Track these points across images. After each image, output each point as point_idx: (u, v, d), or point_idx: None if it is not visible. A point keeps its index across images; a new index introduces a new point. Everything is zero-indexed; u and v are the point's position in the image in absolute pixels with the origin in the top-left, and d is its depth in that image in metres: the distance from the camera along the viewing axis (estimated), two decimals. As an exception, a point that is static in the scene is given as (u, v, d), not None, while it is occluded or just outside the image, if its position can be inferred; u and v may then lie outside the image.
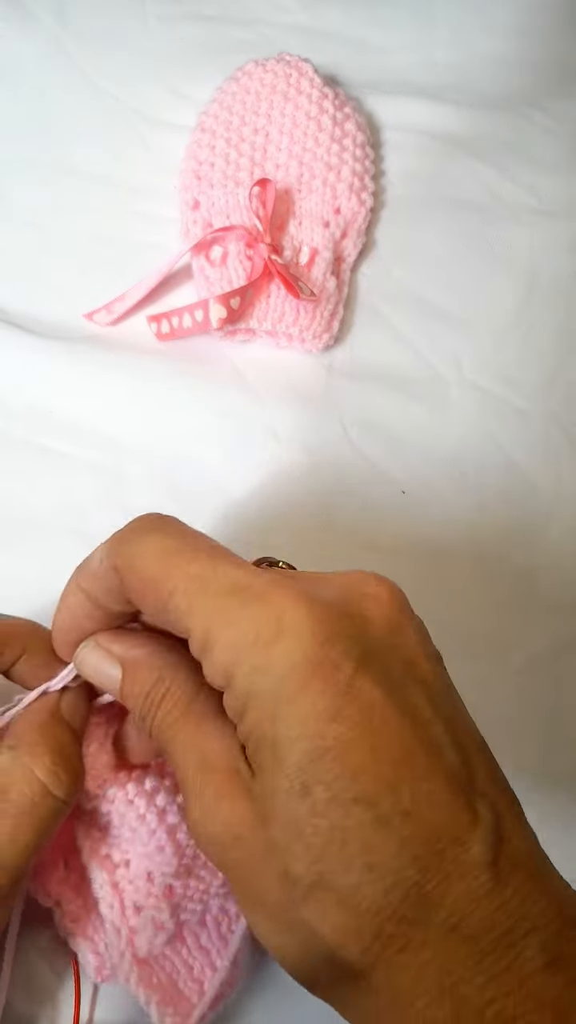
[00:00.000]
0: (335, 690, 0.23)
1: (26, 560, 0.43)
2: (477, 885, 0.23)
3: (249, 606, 0.25)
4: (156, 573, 0.26)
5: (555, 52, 0.58)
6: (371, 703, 0.24)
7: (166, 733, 0.27)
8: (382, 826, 0.23)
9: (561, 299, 0.50)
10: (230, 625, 0.25)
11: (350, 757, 0.23)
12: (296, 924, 0.24)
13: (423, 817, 0.23)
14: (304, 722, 0.23)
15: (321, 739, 0.23)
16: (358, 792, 0.23)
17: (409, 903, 0.22)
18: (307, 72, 0.51)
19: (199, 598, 0.25)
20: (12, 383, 0.46)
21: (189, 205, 0.49)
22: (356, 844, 0.23)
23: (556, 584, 0.45)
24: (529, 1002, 0.22)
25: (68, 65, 0.54)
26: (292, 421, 0.46)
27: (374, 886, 0.23)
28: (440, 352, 0.49)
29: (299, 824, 0.23)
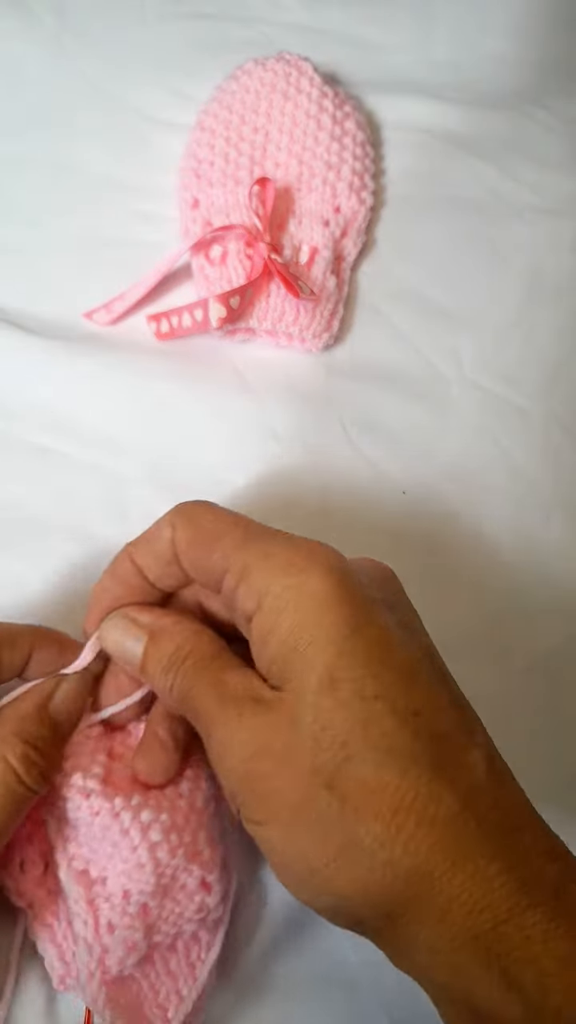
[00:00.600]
0: (358, 609, 0.28)
1: (25, 559, 0.43)
2: (479, 778, 0.26)
3: (284, 544, 0.29)
4: (209, 524, 0.30)
5: (556, 50, 0.58)
6: (386, 624, 0.28)
7: (188, 683, 0.30)
8: (399, 719, 0.26)
9: (563, 298, 0.50)
10: (268, 556, 0.29)
11: (371, 662, 0.27)
12: (317, 817, 0.26)
13: (430, 718, 0.27)
14: (333, 629, 0.27)
15: (347, 643, 0.27)
16: (378, 689, 0.27)
17: (423, 783, 0.26)
18: (307, 71, 0.50)
19: (245, 538, 0.30)
20: (11, 382, 0.46)
21: (189, 204, 0.49)
22: (376, 732, 0.26)
23: (557, 584, 0.45)
24: (532, 877, 0.25)
25: (68, 64, 0.54)
26: (292, 420, 0.46)
27: (392, 768, 0.26)
28: (441, 351, 0.49)
29: (327, 715, 0.26)
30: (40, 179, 0.51)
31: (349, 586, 0.28)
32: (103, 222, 0.50)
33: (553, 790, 0.41)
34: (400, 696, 0.27)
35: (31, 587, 0.43)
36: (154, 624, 0.32)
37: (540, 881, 0.25)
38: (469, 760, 0.27)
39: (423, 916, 0.25)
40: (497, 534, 0.46)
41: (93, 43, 0.55)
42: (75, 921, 0.32)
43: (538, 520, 0.46)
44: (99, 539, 0.44)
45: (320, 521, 0.45)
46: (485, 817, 0.26)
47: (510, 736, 0.43)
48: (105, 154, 0.52)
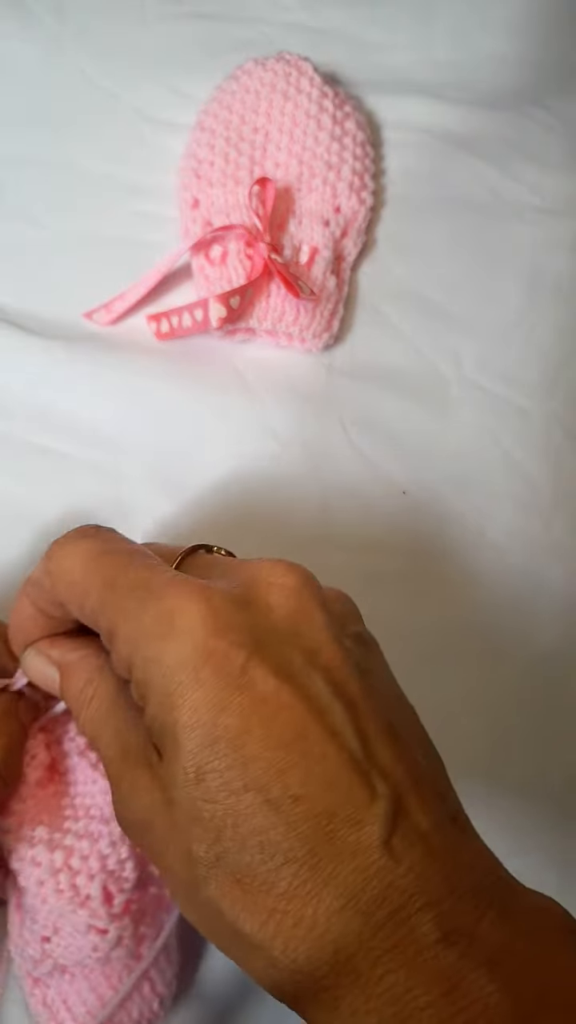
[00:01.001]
0: (226, 680, 0.25)
1: (25, 559, 0.43)
2: (368, 863, 0.23)
3: (146, 603, 0.26)
4: (78, 576, 0.28)
5: (556, 50, 0.58)
6: (263, 692, 0.25)
7: (94, 729, 0.29)
8: (272, 810, 0.24)
9: (563, 298, 0.50)
10: (128, 621, 0.26)
11: (240, 745, 0.24)
12: (204, 901, 0.25)
13: (313, 800, 0.24)
14: (196, 711, 0.25)
15: (212, 728, 0.24)
16: (248, 779, 0.24)
17: (300, 880, 0.24)
18: (307, 71, 0.50)
19: (109, 597, 0.27)
20: (11, 382, 0.46)
21: (189, 204, 0.49)
22: (248, 827, 0.24)
23: (557, 584, 0.45)
24: (421, 975, 0.22)
25: (67, 63, 0.54)
26: (292, 420, 0.46)
27: (266, 865, 0.24)
28: (441, 351, 0.49)
29: (196, 808, 0.25)
30: (40, 179, 0.51)
31: (216, 653, 0.25)
32: (103, 222, 0.50)
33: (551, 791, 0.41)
34: (274, 783, 0.24)
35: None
36: (61, 660, 0.31)
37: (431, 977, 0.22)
38: (360, 839, 0.24)
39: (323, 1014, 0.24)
40: (497, 534, 0.46)
41: (93, 43, 0.55)
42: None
43: (539, 520, 0.46)
44: (99, 539, 0.44)
45: (320, 521, 0.45)
46: (371, 913, 0.23)
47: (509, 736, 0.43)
48: (105, 154, 0.52)
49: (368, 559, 0.44)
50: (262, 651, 0.25)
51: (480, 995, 0.22)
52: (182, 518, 0.44)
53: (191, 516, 0.44)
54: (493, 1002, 0.21)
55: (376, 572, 0.44)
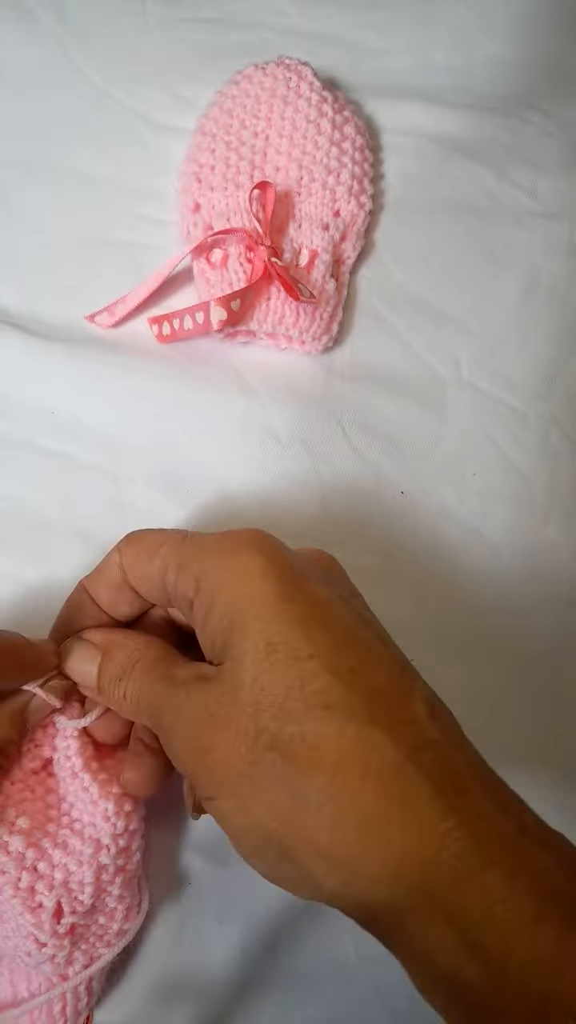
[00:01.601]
0: (290, 582, 0.29)
1: (27, 560, 0.43)
2: (423, 728, 0.27)
3: (220, 535, 0.31)
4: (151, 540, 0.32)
5: (554, 55, 0.58)
6: (319, 594, 0.29)
7: (138, 685, 0.31)
8: (334, 676, 0.27)
9: (560, 301, 0.50)
10: (202, 546, 0.31)
11: (305, 626, 0.28)
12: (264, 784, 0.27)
13: (367, 675, 0.27)
14: (267, 599, 0.28)
15: (281, 610, 0.28)
16: (312, 650, 0.27)
17: (363, 736, 0.26)
18: (306, 75, 0.51)
19: (180, 543, 0.31)
20: (13, 384, 0.47)
21: (189, 208, 0.50)
22: (312, 689, 0.27)
23: (555, 584, 0.46)
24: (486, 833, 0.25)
25: (69, 67, 0.55)
26: (292, 422, 0.47)
27: (330, 723, 0.26)
28: (439, 353, 0.49)
29: (265, 678, 0.27)
30: (41, 183, 0.52)
31: (280, 561, 0.29)
32: (105, 226, 0.51)
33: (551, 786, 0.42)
34: (335, 655, 0.27)
35: (32, 587, 0.43)
36: (106, 640, 0.33)
37: (495, 838, 0.25)
38: (411, 713, 0.27)
39: (377, 874, 0.25)
40: (495, 535, 0.46)
41: (94, 48, 0.55)
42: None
43: (536, 521, 0.46)
44: (100, 539, 0.44)
45: (319, 521, 0.45)
46: (431, 770, 0.26)
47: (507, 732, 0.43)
48: (106, 158, 0.52)
49: (367, 559, 0.45)
50: (315, 572, 0.30)
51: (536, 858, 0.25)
52: (182, 519, 0.45)
53: (191, 517, 0.45)
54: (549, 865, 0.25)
55: (375, 572, 0.44)
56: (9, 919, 0.33)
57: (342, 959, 0.39)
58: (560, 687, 0.44)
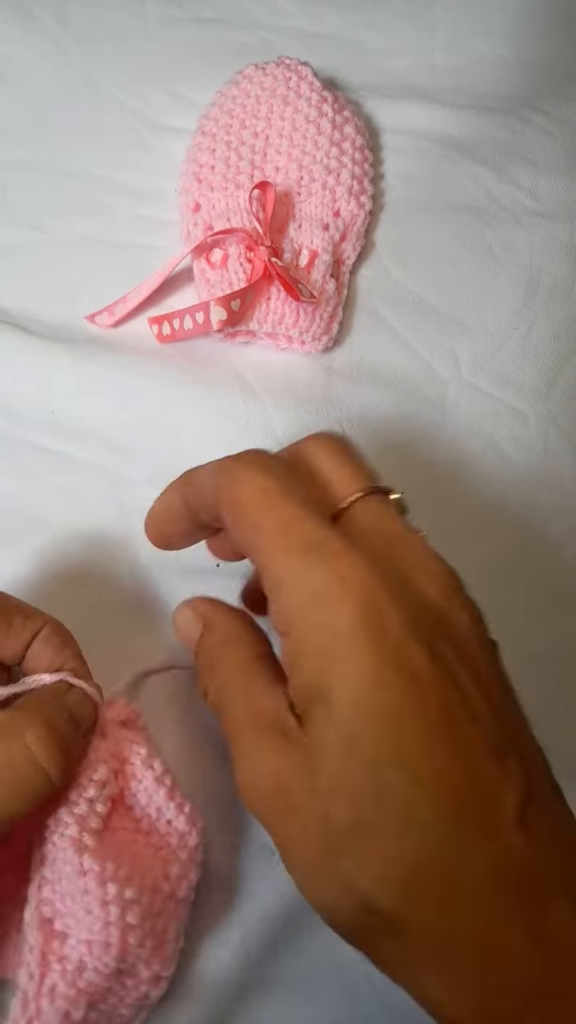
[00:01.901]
0: (386, 653, 0.25)
1: (27, 560, 0.43)
2: (507, 844, 0.24)
3: (318, 564, 0.27)
4: (251, 508, 0.28)
5: (554, 55, 0.58)
6: (417, 671, 0.25)
7: (220, 694, 0.30)
8: (418, 785, 0.25)
9: (560, 301, 0.50)
10: (298, 578, 0.27)
11: (394, 718, 0.25)
12: (333, 873, 0.25)
13: (456, 779, 0.25)
14: (355, 679, 0.25)
15: (370, 697, 0.25)
16: (399, 751, 0.25)
17: (440, 858, 0.24)
18: (306, 75, 0.51)
19: (278, 545, 0.27)
20: (14, 384, 0.47)
21: (189, 208, 0.50)
22: (393, 799, 0.25)
23: (555, 585, 0.46)
24: (558, 951, 0.24)
25: (69, 67, 0.55)
26: (292, 422, 0.47)
27: (407, 840, 0.24)
28: (438, 353, 0.49)
29: (344, 774, 0.25)
30: (42, 183, 0.52)
31: (382, 626, 0.26)
32: (105, 226, 0.51)
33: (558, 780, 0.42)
34: (423, 760, 0.25)
35: (32, 587, 0.43)
36: (207, 617, 0.32)
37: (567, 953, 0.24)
38: (499, 819, 0.25)
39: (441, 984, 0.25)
40: (495, 535, 0.46)
41: (95, 48, 0.55)
42: (22, 969, 0.31)
43: (536, 522, 0.46)
44: (100, 539, 0.44)
45: (320, 522, 0.45)
46: (509, 891, 0.24)
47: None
48: (106, 158, 0.52)
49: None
50: (418, 632, 0.26)
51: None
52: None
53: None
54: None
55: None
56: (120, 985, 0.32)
57: (342, 959, 0.39)
58: (561, 690, 0.44)
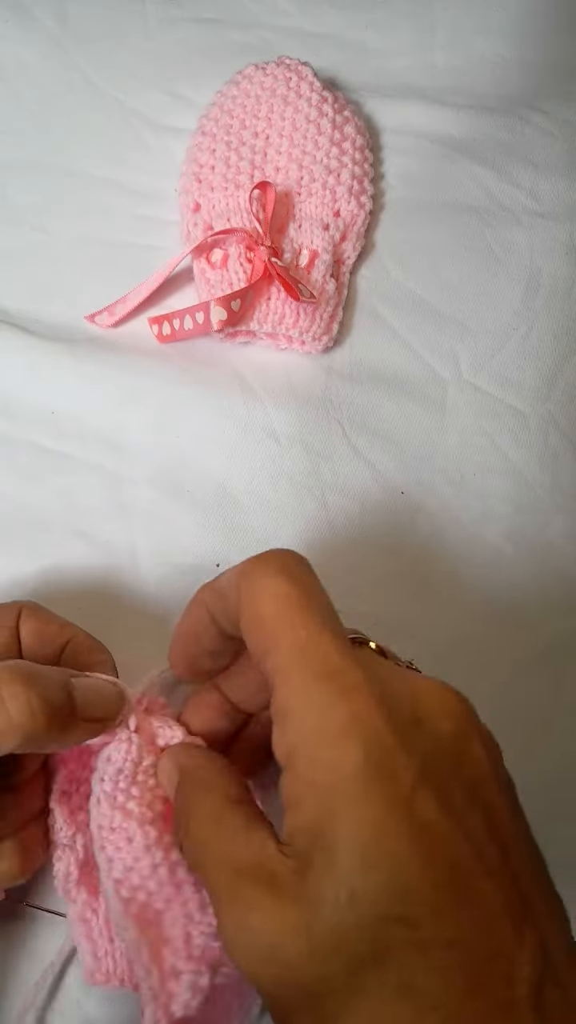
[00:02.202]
0: (394, 803, 0.24)
1: (28, 560, 0.43)
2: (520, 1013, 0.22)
3: (332, 698, 0.25)
4: (269, 620, 0.27)
5: (554, 55, 0.58)
6: (428, 821, 0.24)
7: (197, 838, 0.27)
8: (422, 951, 0.23)
9: (560, 301, 0.50)
10: (308, 708, 0.25)
11: (400, 875, 0.23)
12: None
13: (464, 946, 0.23)
14: (360, 829, 0.23)
15: (374, 850, 0.23)
16: (402, 912, 0.23)
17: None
18: (307, 75, 0.51)
19: (295, 667, 0.26)
20: (14, 384, 0.47)
21: (189, 208, 0.50)
22: (394, 965, 0.23)
23: (554, 585, 0.46)
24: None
25: (69, 67, 0.55)
26: (292, 422, 0.47)
27: (406, 1009, 0.23)
28: (439, 353, 0.49)
29: (343, 935, 0.23)
30: (42, 183, 0.52)
31: (390, 771, 0.24)
32: (105, 226, 0.51)
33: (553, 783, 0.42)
34: (429, 925, 0.23)
35: (32, 587, 0.43)
36: (182, 763, 0.31)
37: None
38: (510, 995, 0.23)
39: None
40: (495, 535, 0.46)
41: (95, 48, 0.55)
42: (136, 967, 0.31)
43: (536, 521, 0.46)
44: (100, 539, 0.44)
45: (319, 522, 0.45)
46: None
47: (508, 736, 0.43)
48: (107, 158, 0.52)
49: (366, 559, 0.45)
50: (429, 777, 0.24)
51: None
52: (183, 519, 0.45)
53: (191, 517, 0.45)
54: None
55: (374, 572, 0.44)
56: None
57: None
58: (561, 689, 0.44)
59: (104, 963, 0.34)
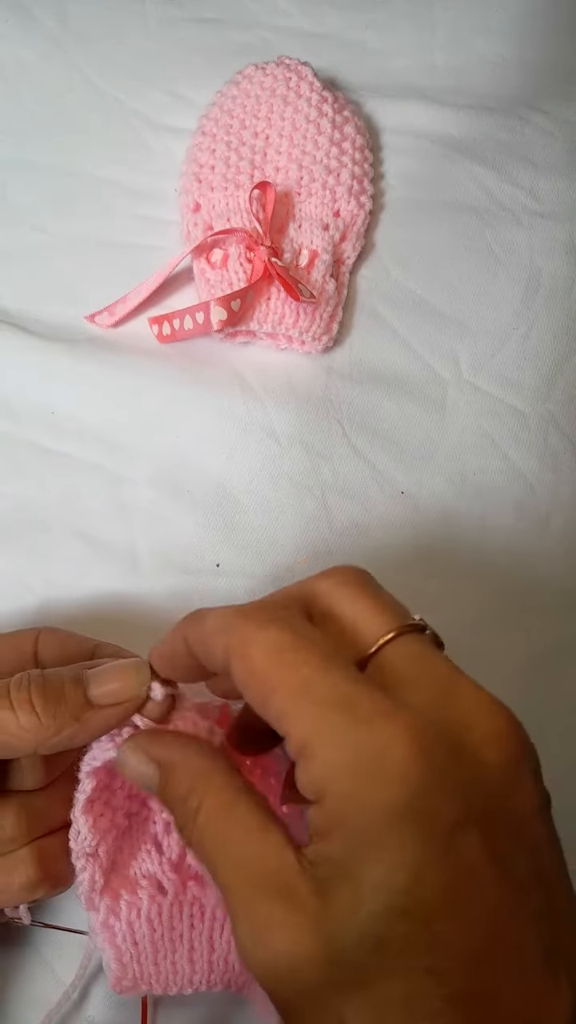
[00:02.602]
0: (431, 845, 0.22)
1: (28, 560, 0.43)
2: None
3: (354, 728, 0.23)
4: (263, 668, 0.25)
5: (554, 54, 0.58)
6: (468, 866, 0.22)
7: (207, 846, 0.26)
8: (450, 1005, 0.21)
9: (560, 301, 0.50)
10: (331, 743, 0.23)
11: (432, 923, 0.21)
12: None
13: (497, 1002, 0.22)
14: (392, 873, 0.22)
15: (406, 896, 0.21)
16: (432, 963, 0.21)
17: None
18: (306, 75, 0.51)
19: (302, 704, 0.24)
20: (14, 384, 0.47)
21: (189, 208, 0.50)
22: (421, 1013, 0.21)
23: (554, 585, 0.46)
24: None
25: (69, 67, 0.55)
26: (292, 422, 0.47)
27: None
28: (439, 353, 0.49)
29: (366, 977, 0.22)
30: (42, 183, 0.52)
31: (425, 811, 0.22)
32: (105, 226, 0.51)
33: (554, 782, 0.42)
34: (460, 974, 0.21)
35: (32, 587, 0.43)
36: (162, 758, 0.28)
37: None
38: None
39: None
40: (496, 535, 0.46)
41: (95, 48, 0.55)
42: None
43: (536, 521, 0.46)
44: (100, 539, 0.44)
45: (319, 522, 0.45)
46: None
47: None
48: (107, 158, 0.52)
49: (366, 559, 0.44)
50: (472, 815, 0.22)
51: None
52: (183, 519, 0.45)
53: (191, 517, 0.45)
54: None
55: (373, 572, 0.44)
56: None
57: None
58: (561, 688, 0.44)
59: (130, 969, 0.34)
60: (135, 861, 0.35)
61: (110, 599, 0.43)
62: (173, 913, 0.34)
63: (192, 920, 0.34)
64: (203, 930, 0.34)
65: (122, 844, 0.34)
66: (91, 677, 0.30)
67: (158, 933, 0.34)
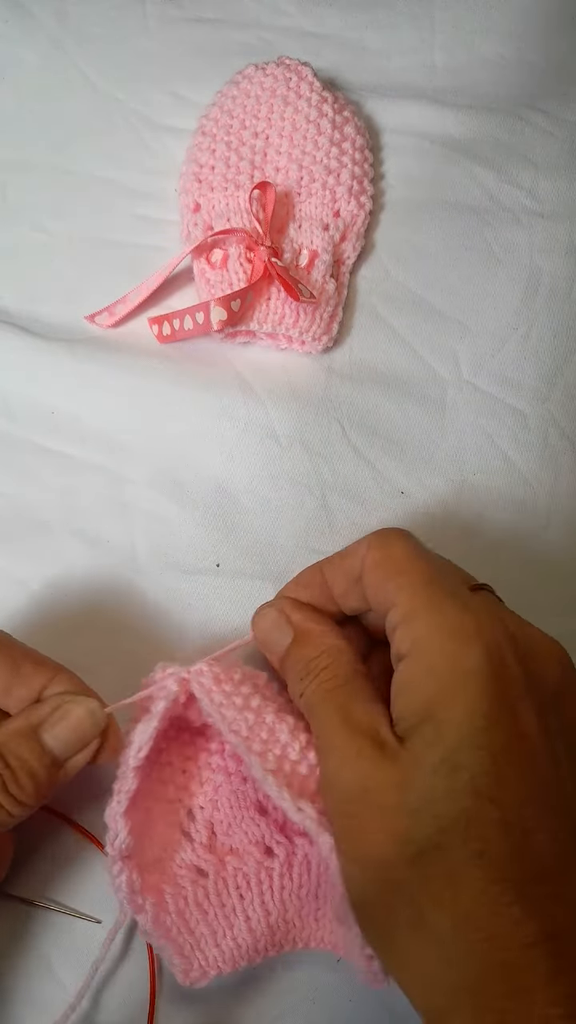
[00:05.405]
0: (505, 703, 0.27)
1: (28, 560, 0.43)
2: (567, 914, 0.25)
3: (459, 608, 0.29)
4: (402, 559, 0.31)
5: (553, 54, 0.58)
6: (528, 731, 0.27)
7: (317, 697, 0.31)
8: (504, 829, 0.26)
9: (559, 301, 0.50)
10: (436, 612, 0.29)
11: (499, 762, 0.26)
12: (393, 887, 0.27)
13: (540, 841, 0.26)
14: (471, 713, 0.27)
15: (481, 735, 0.27)
16: (496, 793, 0.26)
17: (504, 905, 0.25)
18: (307, 76, 0.51)
19: (422, 586, 0.30)
20: (14, 384, 0.47)
21: (189, 208, 0.50)
22: (477, 833, 0.26)
23: (554, 585, 0.46)
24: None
25: (69, 67, 0.55)
26: (292, 422, 0.47)
27: (480, 876, 0.25)
28: (438, 353, 0.49)
29: (437, 796, 0.26)
30: (42, 183, 0.52)
31: (504, 677, 0.28)
32: (105, 226, 0.51)
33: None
34: (514, 808, 0.26)
35: (32, 587, 0.43)
36: (301, 625, 0.33)
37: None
38: (561, 895, 0.26)
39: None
40: (495, 534, 0.46)
41: (95, 48, 0.55)
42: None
43: (536, 520, 0.46)
44: (100, 539, 0.44)
45: (319, 522, 0.45)
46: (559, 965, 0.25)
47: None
48: (106, 158, 0.52)
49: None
50: (534, 698, 0.28)
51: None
52: (183, 518, 0.45)
53: (191, 516, 0.45)
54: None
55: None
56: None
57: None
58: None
59: (194, 958, 0.34)
60: (166, 854, 0.34)
61: (110, 599, 0.43)
62: (220, 890, 0.35)
63: (240, 891, 0.35)
64: (253, 898, 0.35)
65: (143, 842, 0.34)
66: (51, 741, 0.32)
67: (211, 914, 0.35)
